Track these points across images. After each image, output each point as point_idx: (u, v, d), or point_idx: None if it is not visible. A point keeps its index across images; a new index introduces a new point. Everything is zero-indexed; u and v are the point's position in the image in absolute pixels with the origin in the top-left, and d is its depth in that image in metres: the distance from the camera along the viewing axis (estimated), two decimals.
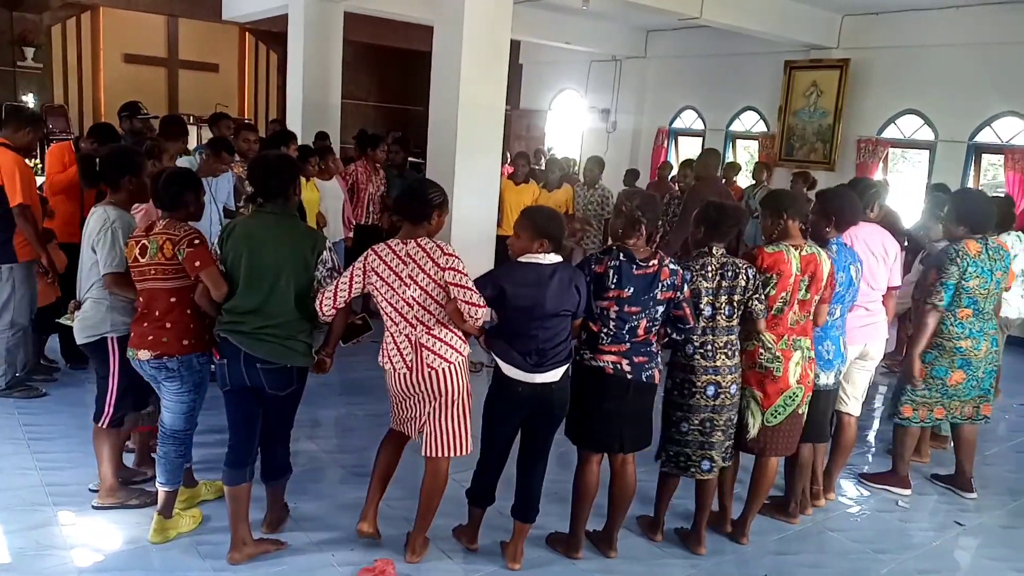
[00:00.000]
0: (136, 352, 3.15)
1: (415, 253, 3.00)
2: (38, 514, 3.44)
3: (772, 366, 3.39)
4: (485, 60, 6.41)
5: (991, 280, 4.02)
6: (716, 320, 3.27)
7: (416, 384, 3.06)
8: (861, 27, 9.47)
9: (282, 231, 3.07)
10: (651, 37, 12.06)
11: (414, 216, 3.06)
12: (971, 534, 3.98)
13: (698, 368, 3.27)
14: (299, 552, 3.29)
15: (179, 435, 3.23)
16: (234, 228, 3.12)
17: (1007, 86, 8.31)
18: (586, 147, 12.92)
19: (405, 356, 3.04)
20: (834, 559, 3.60)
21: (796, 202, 3.50)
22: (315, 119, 8.86)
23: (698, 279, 3.25)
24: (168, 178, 3.21)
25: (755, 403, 3.43)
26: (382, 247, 3.04)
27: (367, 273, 3.01)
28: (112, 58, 11.79)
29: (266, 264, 3.01)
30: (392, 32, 11.46)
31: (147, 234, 3.14)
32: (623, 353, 3.15)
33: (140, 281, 3.16)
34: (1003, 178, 8.52)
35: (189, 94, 12.51)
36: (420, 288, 2.98)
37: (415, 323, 3.02)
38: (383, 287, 3.00)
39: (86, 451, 3.81)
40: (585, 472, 3.32)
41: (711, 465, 3.37)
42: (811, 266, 3.38)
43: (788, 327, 3.40)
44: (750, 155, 11.08)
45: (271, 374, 3.05)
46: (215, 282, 3.03)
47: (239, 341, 3.02)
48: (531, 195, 7.30)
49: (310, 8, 8.88)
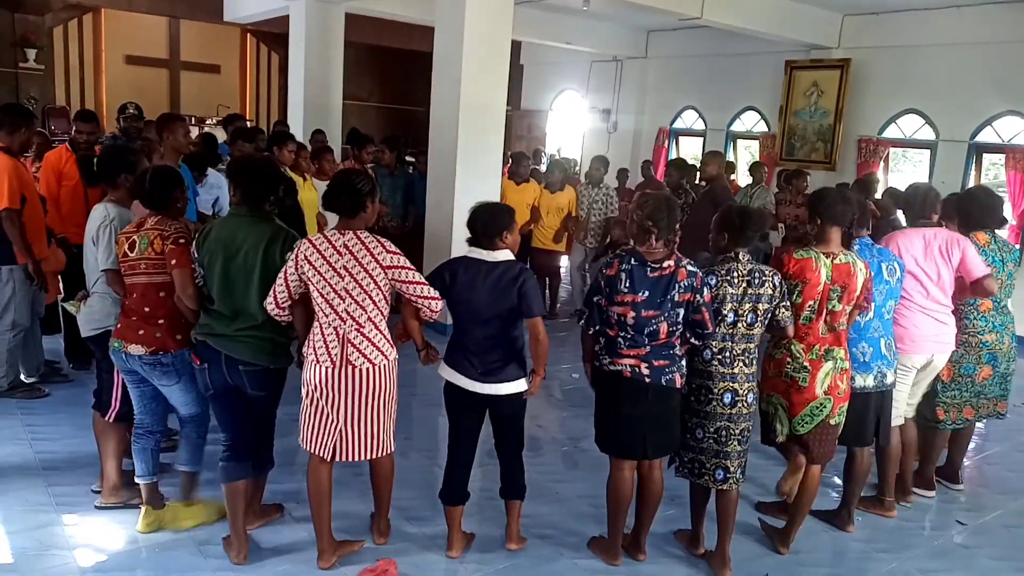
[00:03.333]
0: (124, 345, 3.17)
1: (352, 244, 2.95)
2: (41, 514, 3.45)
3: (797, 376, 3.32)
4: (486, 61, 6.41)
5: (1003, 270, 4.03)
6: (737, 327, 3.18)
7: (336, 379, 2.98)
8: (862, 27, 9.47)
9: (253, 232, 3.07)
10: (652, 37, 12.07)
11: (347, 210, 3.00)
12: (972, 533, 3.97)
13: (716, 374, 3.20)
14: (300, 551, 3.30)
15: (198, 417, 3.31)
16: (209, 231, 3.12)
17: (1008, 85, 8.31)
18: (587, 147, 12.93)
19: (331, 349, 2.97)
20: (835, 558, 3.60)
21: (833, 206, 3.32)
22: (316, 120, 8.87)
23: (723, 284, 3.16)
24: (155, 176, 3.24)
25: (782, 409, 3.38)
26: (318, 237, 2.99)
27: (299, 264, 2.94)
28: (114, 59, 11.82)
29: (239, 266, 3.03)
30: (393, 33, 11.48)
31: (137, 229, 3.18)
32: (642, 356, 3.11)
33: (130, 275, 3.19)
34: (1004, 177, 8.52)
35: (191, 95, 12.53)
36: (354, 280, 2.93)
37: (345, 317, 2.96)
38: (316, 277, 2.93)
39: (88, 452, 3.82)
40: (616, 480, 3.29)
41: (725, 475, 3.26)
42: (844, 276, 3.26)
43: (819, 336, 3.30)
44: (751, 155, 11.08)
45: (252, 376, 3.08)
46: (182, 283, 3.08)
47: (217, 344, 3.05)
48: (532, 195, 7.30)
49: (311, 9, 8.90)
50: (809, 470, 3.47)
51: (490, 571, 3.29)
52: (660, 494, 3.32)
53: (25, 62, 10.41)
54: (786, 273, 3.28)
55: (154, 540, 3.29)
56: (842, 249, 3.35)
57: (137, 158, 3.60)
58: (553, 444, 4.70)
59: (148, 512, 3.36)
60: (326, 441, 3.04)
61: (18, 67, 10.41)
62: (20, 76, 10.45)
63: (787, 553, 3.54)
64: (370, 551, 3.32)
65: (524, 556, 3.41)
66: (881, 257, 3.60)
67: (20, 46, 10.35)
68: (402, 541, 3.43)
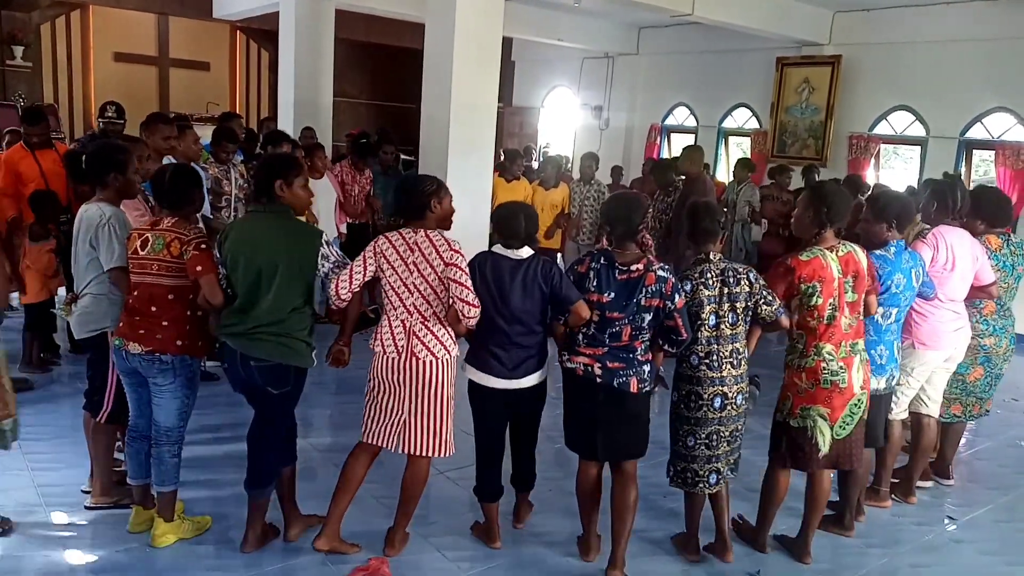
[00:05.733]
0: (125, 343, 3.13)
1: (422, 243, 3.09)
2: (31, 515, 3.43)
3: (837, 378, 3.23)
4: (477, 57, 6.39)
5: (1012, 274, 4.06)
6: (720, 329, 3.16)
7: (401, 371, 3.09)
8: (852, 23, 9.49)
9: (280, 230, 3.09)
10: (643, 34, 12.07)
11: (412, 213, 3.13)
12: (963, 528, 3.99)
13: (704, 379, 3.17)
14: (293, 551, 3.29)
15: (172, 433, 3.21)
16: (231, 230, 3.13)
17: (998, 82, 8.34)
18: (579, 144, 12.92)
19: (397, 341, 3.10)
20: (825, 554, 3.60)
21: (837, 207, 3.25)
22: (307, 117, 8.83)
23: (699, 288, 3.13)
24: (175, 176, 3.20)
25: (822, 420, 3.26)
26: (393, 234, 3.14)
27: (377, 255, 3.10)
28: (102, 57, 11.70)
29: (265, 264, 3.02)
30: (384, 30, 11.43)
31: (152, 228, 3.14)
32: (597, 356, 3.10)
33: (138, 274, 3.15)
34: (994, 174, 8.56)
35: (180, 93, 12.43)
36: (422, 277, 3.07)
37: (412, 310, 3.09)
38: (389, 271, 3.09)
39: (78, 451, 3.80)
40: (579, 477, 3.30)
41: (718, 478, 3.28)
42: (851, 265, 3.25)
43: (843, 333, 3.25)
44: (743, 152, 11.10)
45: (266, 371, 3.06)
46: (211, 290, 3.05)
47: (236, 343, 3.05)
48: (523, 193, 7.28)
49: (301, 6, 8.85)
50: (820, 475, 3.41)
51: (483, 569, 3.29)
52: (629, 506, 3.19)
53: (12, 59, 10.31)
54: (799, 278, 3.21)
55: (145, 540, 3.27)
56: (839, 240, 3.31)
57: (127, 157, 3.56)
58: (547, 441, 4.68)
59: (139, 512, 3.34)
60: (391, 432, 3.16)
61: (5, 64, 10.31)
62: (7, 74, 10.36)
63: (811, 562, 3.48)
64: None
65: (518, 554, 3.41)
66: (912, 263, 3.58)
67: (7, 43, 10.25)
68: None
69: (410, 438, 3.14)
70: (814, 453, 3.29)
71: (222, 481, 3.81)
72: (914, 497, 4.16)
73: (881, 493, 4.05)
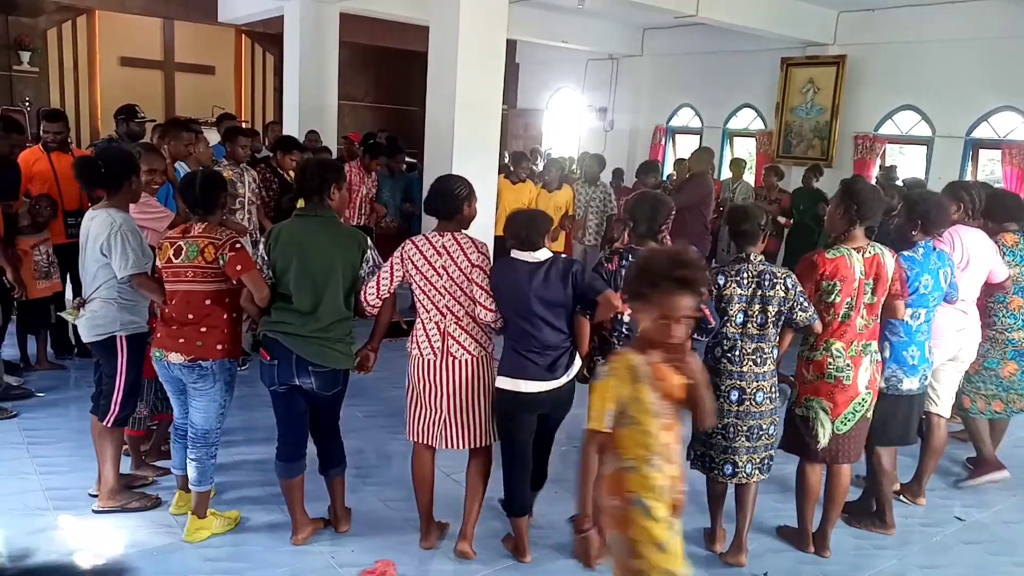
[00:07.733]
0: (166, 354, 3.16)
1: (450, 246, 3.13)
2: (38, 519, 3.44)
3: (842, 375, 3.31)
4: (481, 60, 6.39)
5: None
6: (747, 327, 3.22)
7: (437, 371, 3.15)
8: (857, 23, 9.47)
9: (329, 234, 3.14)
10: (647, 35, 12.06)
11: (445, 213, 3.17)
12: (971, 529, 3.97)
13: (723, 372, 3.23)
14: (300, 553, 3.29)
15: (210, 436, 3.28)
16: (280, 233, 3.17)
17: (1004, 81, 8.31)
18: (584, 146, 12.90)
19: (433, 343, 3.16)
20: (835, 554, 3.58)
21: (868, 205, 3.27)
22: (312, 121, 8.84)
23: (730, 283, 3.20)
24: (204, 181, 3.21)
25: (824, 413, 3.33)
26: (419, 238, 3.19)
27: (404, 261, 3.15)
28: (108, 61, 11.77)
29: (317, 268, 3.08)
30: (388, 33, 11.45)
31: (183, 236, 3.16)
32: None
33: (173, 283, 3.17)
34: (1000, 173, 8.53)
35: (186, 97, 12.49)
36: (451, 279, 3.12)
37: (445, 312, 3.15)
38: (418, 276, 3.14)
39: (85, 455, 3.81)
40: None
41: (734, 470, 3.30)
42: (875, 268, 3.28)
43: (857, 332, 3.31)
44: (748, 152, 11.09)
45: (320, 376, 3.14)
46: (257, 285, 3.09)
47: (290, 343, 3.09)
48: (528, 195, 7.29)
49: (306, 9, 8.87)
50: (839, 470, 3.49)
51: (490, 571, 3.29)
52: None
53: (19, 65, 10.39)
54: (822, 274, 3.27)
55: (153, 544, 3.28)
56: (868, 242, 3.35)
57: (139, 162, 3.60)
58: (553, 444, 4.68)
59: (181, 496, 3.47)
60: (433, 432, 3.23)
61: (12, 70, 10.39)
62: (14, 79, 10.43)
63: (830, 555, 3.54)
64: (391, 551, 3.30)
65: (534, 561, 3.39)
66: (940, 264, 3.60)
67: (14, 48, 10.32)
68: (402, 542, 3.41)
69: (449, 435, 3.21)
70: (813, 444, 3.37)
71: (242, 483, 3.84)
72: (923, 499, 4.14)
73: (913, 490, 4.10)
